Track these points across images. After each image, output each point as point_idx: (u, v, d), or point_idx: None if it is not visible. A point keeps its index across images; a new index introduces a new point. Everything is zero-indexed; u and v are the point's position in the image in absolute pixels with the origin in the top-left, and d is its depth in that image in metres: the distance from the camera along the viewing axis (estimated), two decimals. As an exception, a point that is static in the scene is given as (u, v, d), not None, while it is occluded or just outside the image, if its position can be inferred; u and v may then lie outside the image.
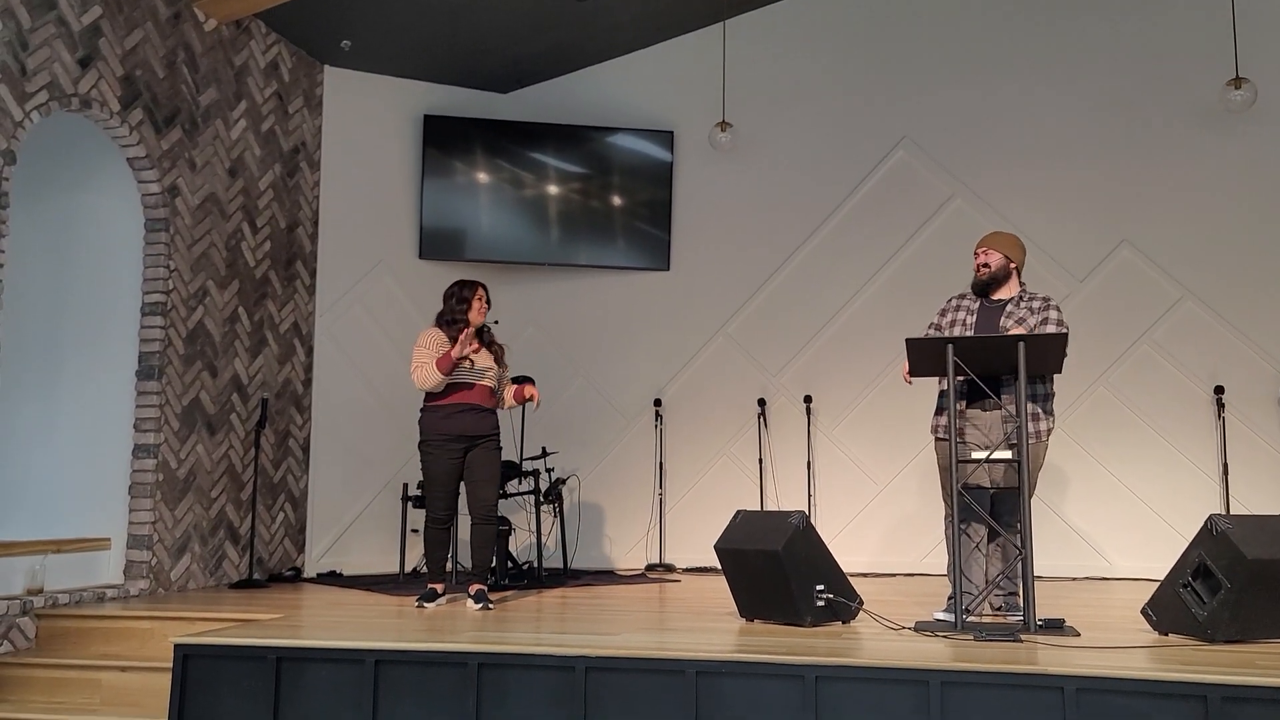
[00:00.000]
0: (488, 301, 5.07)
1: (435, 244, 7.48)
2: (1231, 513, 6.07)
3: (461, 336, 4.86)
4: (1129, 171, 6.85)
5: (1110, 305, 6.77)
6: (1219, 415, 6.51)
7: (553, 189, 7.64)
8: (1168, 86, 6.81)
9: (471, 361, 4.94)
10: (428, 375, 4.85)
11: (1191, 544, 3.90)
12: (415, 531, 6.80)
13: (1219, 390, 6.52)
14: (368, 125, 7.33)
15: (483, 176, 7.56)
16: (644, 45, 7.72)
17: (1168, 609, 3.93)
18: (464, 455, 4.95)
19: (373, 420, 7.11)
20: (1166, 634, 3.90)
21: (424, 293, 7.47)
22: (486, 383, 5.01)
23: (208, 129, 6.04)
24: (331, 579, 6.52)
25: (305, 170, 6.98)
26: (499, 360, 5.09)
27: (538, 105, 7.84)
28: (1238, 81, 6.31)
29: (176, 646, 3.77)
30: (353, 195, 7.23)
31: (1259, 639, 3.75)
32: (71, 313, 5.57)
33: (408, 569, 6.55)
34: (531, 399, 5.20)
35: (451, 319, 4.96)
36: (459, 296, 4.98)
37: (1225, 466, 6.45)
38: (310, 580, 6.49)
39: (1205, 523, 3.83)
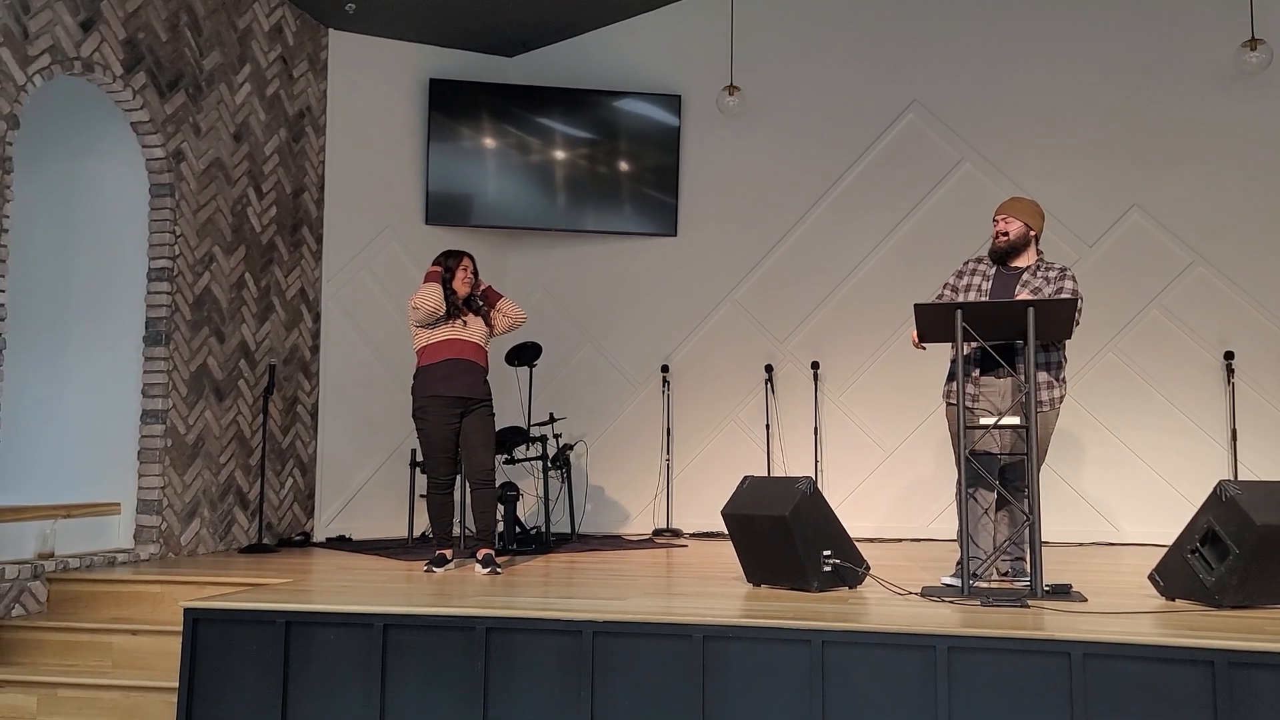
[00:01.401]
0: (474, 272, 5.12)
1: (442, 210, 7.44)
2: (1240, 479, 6.06)
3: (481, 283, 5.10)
4: (1140, 135, 6.77)
5: (1120, 270, 6.72)
6: (1228, 381, 6.48)
7: (559, 154, 7.58)
8: (1181, 48, 6.71)
9: (464, 322, 5.03)
10: (422, 294, 4.93)
11: (1200, 510, 3.88)
12: (424, 497, 6.81)
13: (1229, 356, 6.48)
14: (373, 89, 7.27)
15: (489, 141, 7.51)
16: (651, 8, 7.62)
17: (1175, 575, 3.92)
18: (460, 420, 4.99)
19: (380, 386, 7.11)
20: (1174, 600, 3.91)
21: (430, 258, 7.42)
22: (478, 341, 5.07)
23: (212, 93, 6.00)
24: (340, 544, 6.56)
25: (311, 135, 6.93)
26: (488, 322, 5.16)
27: (544, 69, 7.76)
28: (1253, 43, 6.22)
29: (186, 611, 3.80)
30: (358, 160, 7.19)
31: (1266, 604, 3.75)
32: (77, 278, 5.57)
33: (416, 534, 6.59)
34: (487, 296, 5.19)
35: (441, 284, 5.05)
36: (444, 266, 5.07)
37: (1234, 432, 6.42)
38: (319, 545, 6.52)
39: (1214, 489, 3.81)
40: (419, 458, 6.52)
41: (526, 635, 3.58)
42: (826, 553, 4.13)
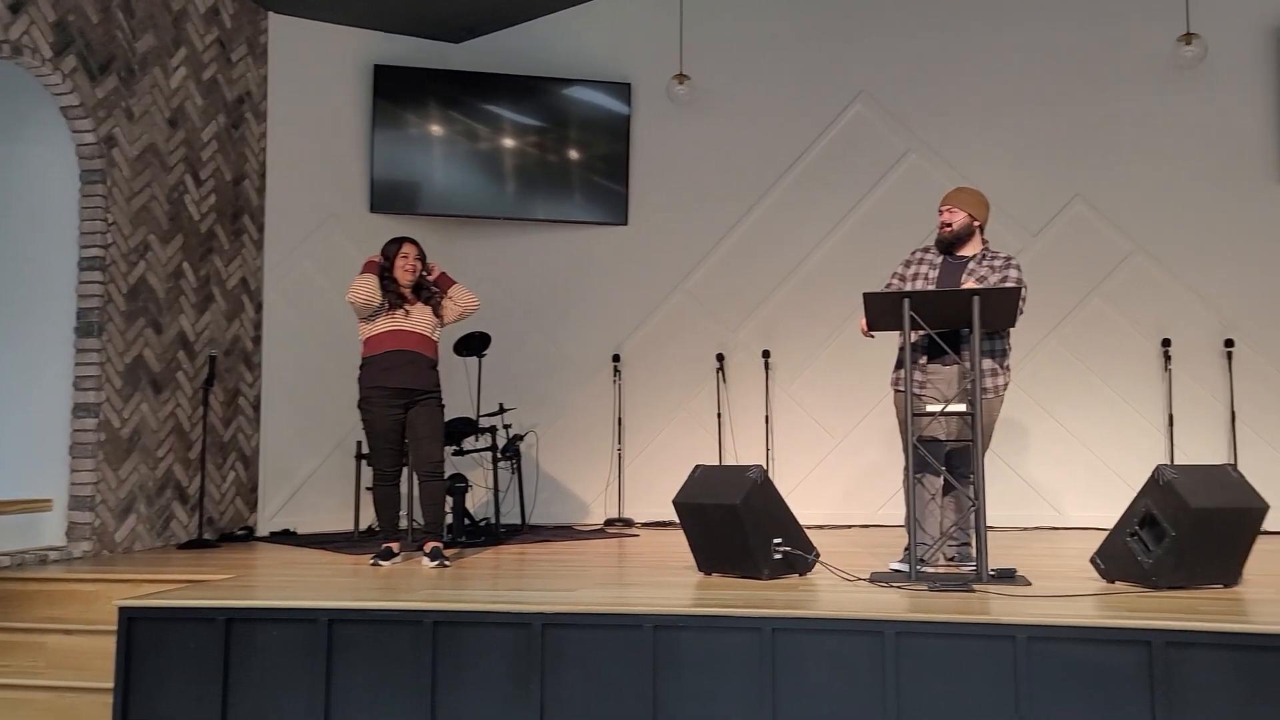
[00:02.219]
0: (421, 260, 5.02)
1: (387, 198, 7.33)
2: (1177, 463, 6.19)
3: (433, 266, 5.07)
4: (1081, 126, 6.87)
5: (1063, 259, 6.82)
6: (1166, 367, 6.62)
7: (508, 142, 7.51)
8: (1120, 42, 6.82)
9: (407, 311, 4.93)
10: (354, 288, 4.84)
11: (1139, 494, 3.96)
12: (370, 489, 6.74)
13: (1166, 343, 6.62)
14: (316, 75, 7.13)
15: (436, 129, 7.41)
16: (598, -5, 7.58)
17: (1115, 557, 4.00)
18: (405, 411, 4.90)
19: (325, 377, 6.99)
20: (1114, 582, 3.98)
21: (376, 247, 7.27)
22: (423, 332, 4.97)
23: (145, 77, 5.83)
24: (285, 538, 6.44)
25: (251, 121, 6.78)
26: (438, 310, 5.06)
27: (491, 56, 7.67)
28: (1188, 37, 6.35)
29: (121, 609, 3.70)
30: (301, 147, 7.04)
31: (1201, 585, 3.84)
32: (5, 268, 5.39)
33: (363, 527, 6.49)
34: (440, 282, 5.13)
35: (380, 274, 4.96)
36: (385, 253, 5.00)
37: (1171, 418, 6.57)
38: (263, 539, 6.40)
39: (1152, 473, 3.89)
40: (364, 449, 6.44)
41: (475, 629, 3.54)
42: (777, 540, 4.14)
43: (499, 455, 6.39)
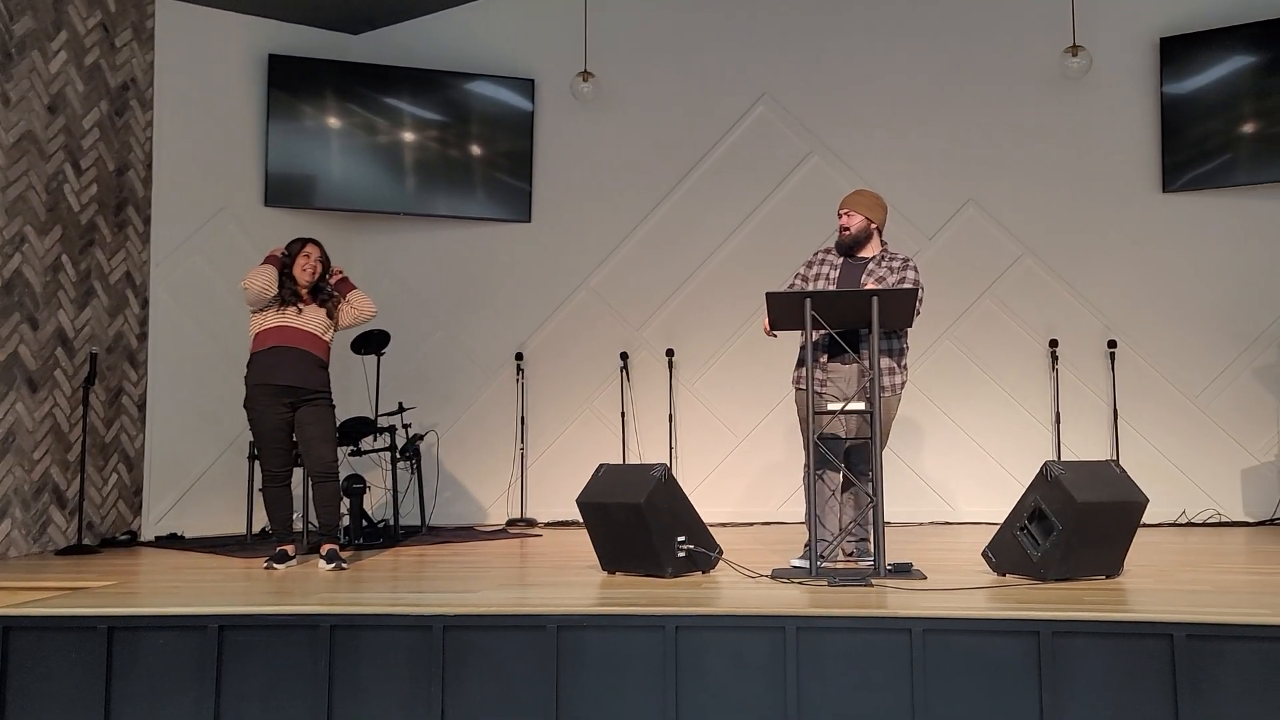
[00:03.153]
0: (322, 261, 4.90)
1: (282, 191, 7.12)
2: (1063, 459, 6.44)
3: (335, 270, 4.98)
4: (975, 133, 7.09)
5: (957, 261, 7.02)
6: (1053, 367, 6.87)
7: (408, 136, 7.37)
8: (1010, 52, 7.06)
9: (299, 309, 4.83)
10: (251, 273, 4.74)
11: (1028, 489, 4.09)
12: (261, 491, 6.53)
13: (1053, 343, 6.87)
14: (207, 63, 6.88)
15: (333, 121, 7.23)
16: (503, -11, 7.50)
17: (1006, 551, 4.12)
18: (292, 411, 4.78)
19: (217, 375, 6.75)
20: (1004, 574, 4.10)
21: (271, 242, 7.04)
22: (314, 331, 4.85)
23: (23, 61, 5.54)
24: (171, 542, 6.20)
25: (136, 109, 6.50)
26: (331, 315, 4.95)
27: (391, 48, 7.52)
28: (1075, 49, 6.60)
29: (-5, 619, 3.50)
30: (191, 138, 6.79)
31: (1086, 576, 3.98)
32: None
33: (255, 530, 6.29)
34: (341, 287, 5.04)
35: (280, 270, 4.85)
36: (286, 252, 4.88)
37: (1058, 415, 6.82)
38: (148, 544, 6.15)
39: (1041, 469, 4.02)
40: (255, 451, 6.24)
41: (373, 632, 3.45)
42: (681, 539, 4.15)
43: (398, 455, 6.27)
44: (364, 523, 5.96)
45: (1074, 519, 3.83)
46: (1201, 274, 6.80)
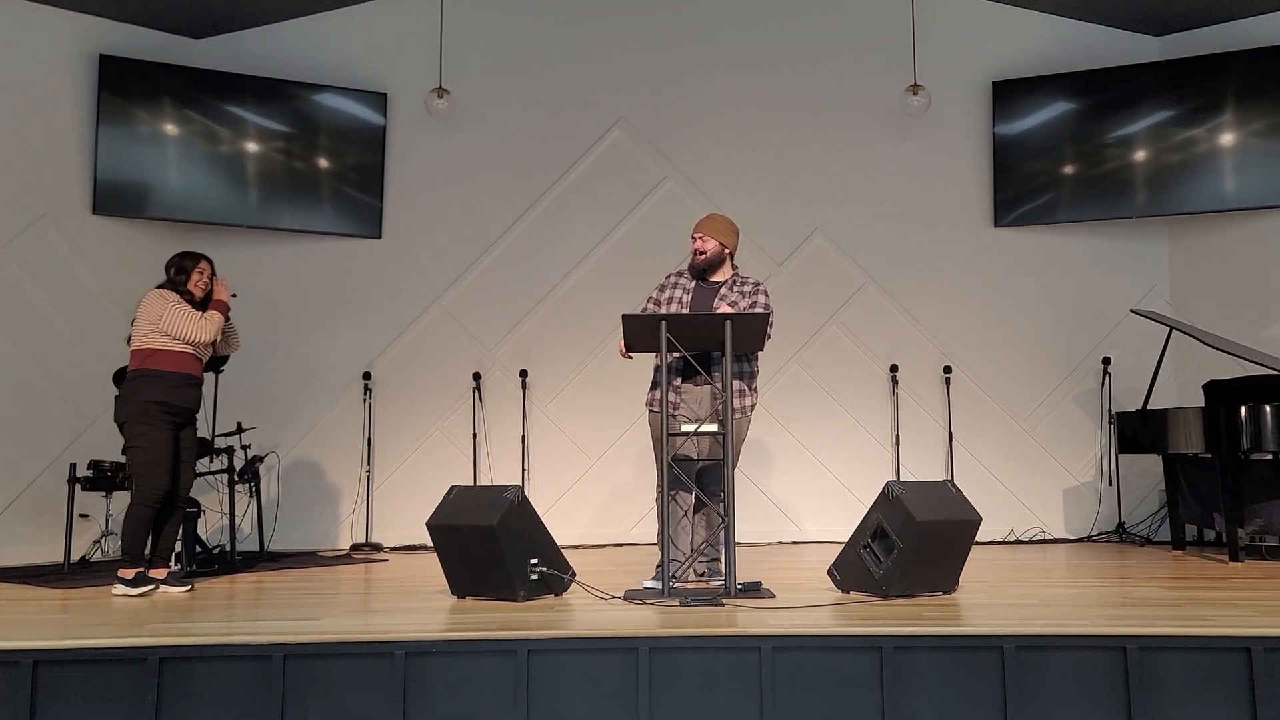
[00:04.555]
0: (211, 277, 4.92)
1: (112, 199, 6.73)
2: (903, 479, 6.71)
3: (219, 284, 4.91)
4: (822, 164, 7.35)
5: (805, 288, 7.24)
6: (893, 391, 7.17)
7: (252, 146, 7.09)
8: (856, 87, 7.36)
9: None
10: (210, 322, 4.77)
11: (870, 509, 4.24)
12: (85, 516, 6.13)
13: (894, 368, 7.17)
14: (27, 61, 6.44)
15: (170, 128, 6.88)
16: (354, 2, 7.32)
17: (850, 569, 4.25)
18: (178, 432, 4.79)
19: (33, 395, 6.30)
20: (849, 592, 4.23)
21: (100, 253, 6.72)
22: (203, 357, 4.91)
23: None
24: (-21, 574, 5.71)
25: (-52, 104, 6.02)
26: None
27: (236, 55, 7.23)
28: (915, 88, 6.95)
29: None
30: (8, 139, 6.33)
31: (925, 593, 4.15)
32: None
33: (74, 558, 5.86)
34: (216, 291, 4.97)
35: (173, 289, 4.80)
36: (179, 267, 4.85)
37: (898, 437, 7.11)
38: (-50, 576, 5.65)
39: (883, 489, 4.18)
40: (80, 472, 5.83)
41: (207, 664, 3.26)
42: (533, 561, 4.11)
43: (236, 478, 5.99)
44: (197, 548, 5.66)
45: (914, 537, 3.99)
46: (1028, 304, 7.24)
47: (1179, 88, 6.93)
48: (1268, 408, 5.34)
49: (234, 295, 5.03)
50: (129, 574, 4.57)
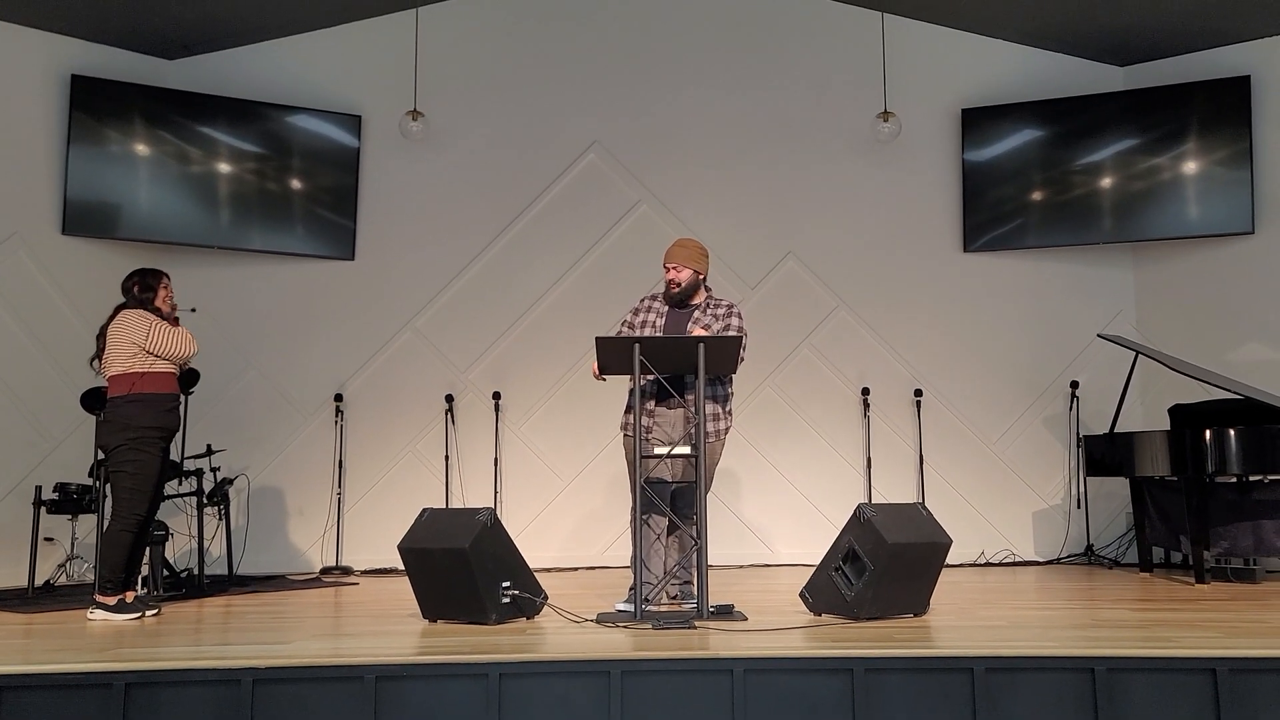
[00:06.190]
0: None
1: (82, 219, 6.68)
2: (874, 502, 6.74)
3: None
4: (795, 189, 7.42)
5: (777, 311, 7.29)
6: (865, 414, 7.21)
7: (224, 167, 7.07)
8: (829, 115, 7.45)
9: None
10: (190, 336, 4.79)
11: (842, 531, 4.26)
12: (49, 540, 6.05)
13: (865, 391, 7.22)
14: (1, 80, 6.40)
15: (142, 148, 6.85)
16: (328, 24, 7.33)
17: (822, 591, 4.27)
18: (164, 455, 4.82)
19: (-1, 415, 6.22)
20: (821, 614, 4.24)
21: (69, 273, 6.66)
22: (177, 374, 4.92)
23: None
24: (-61, 599, 5.61)
25: (-84, 122, 5.97)
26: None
27: (209, 76, 7.22)
28: (886, 115, 7.04)
29: None
30: (-22, 156, 6.29)
31: (896, 615, 4.17)
32: None
33: (39, 582, 5.78)
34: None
35: (142, 307, 4.75)
36: (144, 284, 4.80)
37: (869, 460, 7.15)
38: (-89, 601, 5.54)
39: (854, 511, 4.20)
40: (45, 495, 5.76)
41: (175, 689, 3.22)
42: (506, 584, 4.10)
43: (205, 500, 5.93)
44: (165, 572, 5.59)
45: (885, 559, 4.01)
46: (998, 329, 7.33)
47: (1143, 117, 7.07)
48: (1232, 432, 5.43)
49: (192, 310, 5.05)
50: (110, 600, 4.52)
